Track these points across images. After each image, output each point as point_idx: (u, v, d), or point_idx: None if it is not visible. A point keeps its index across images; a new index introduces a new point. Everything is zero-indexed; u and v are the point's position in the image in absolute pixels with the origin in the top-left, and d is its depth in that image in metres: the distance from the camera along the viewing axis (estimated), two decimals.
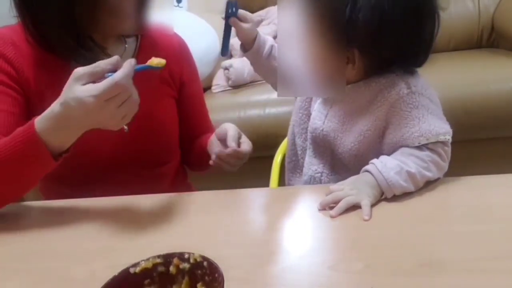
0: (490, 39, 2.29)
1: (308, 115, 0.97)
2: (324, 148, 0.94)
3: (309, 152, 0.97)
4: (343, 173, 0.92)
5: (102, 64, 0.73)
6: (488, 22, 2.28)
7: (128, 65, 0.72)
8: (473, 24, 2.29)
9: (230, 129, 0.92)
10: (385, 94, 0.84)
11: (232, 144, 0.88)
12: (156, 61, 0.80)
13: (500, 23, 2.22)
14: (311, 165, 0.96)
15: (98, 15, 0.86)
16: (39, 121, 0.74)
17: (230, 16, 0.93)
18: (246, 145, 0.92)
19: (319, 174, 0.95)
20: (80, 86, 0.71)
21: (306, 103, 0.99)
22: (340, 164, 0.92)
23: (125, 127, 0.96)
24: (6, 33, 0.91)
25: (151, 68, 0.79)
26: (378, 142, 0.86)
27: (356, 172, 0.83)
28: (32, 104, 0.91)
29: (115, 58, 0.74)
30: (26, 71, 0.90)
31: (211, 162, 0.94)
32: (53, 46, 0.90)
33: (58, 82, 0.91)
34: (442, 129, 0.81)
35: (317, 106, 0.94)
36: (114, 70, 0.72)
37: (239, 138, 0.93)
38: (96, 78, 0.72)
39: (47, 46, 0.90)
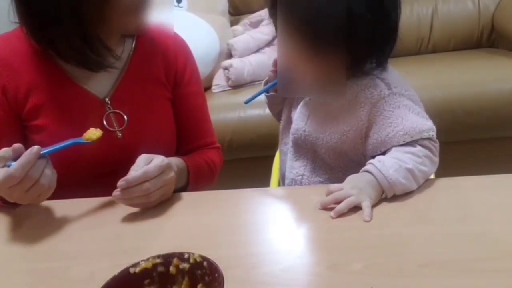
0: (490, 39, 2.30)
1: (289, 120, 0.98)
2: (306, 149, 0.94)
3: (290, 156, 0.97)
4: (323, 174, 0.93)
5: (2, 152, 0.75)
6: (488, 22, 2.28)
7: (28, 154, 0.74)
8: (473, 24, 2.29)
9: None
10: (367, 94, 0.85)
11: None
12: (92, 133, 0.81)
13: (500, 23, 2.22)
14: (292, 168, 0.97)
15: (106, 13, 0.85)
16: None
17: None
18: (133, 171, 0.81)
19: (300, 177, 0.95)
20: None
21: (287, 110, 1.00)
22: (321, 165, 0.93)
23: (119, 134, 0.95)
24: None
25: (77, 143, 0.81)
26: (360, 142, 0.87)
27: (339, 170, 0.84)
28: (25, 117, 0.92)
29: (17, 146, 0.76)
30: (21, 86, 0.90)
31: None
32: (60, 50, 0.89)
33: (57, 90, 0.92)
34: (425, 126, 0.82)
35: (299, 109, 0.94)
36: (17, 157, 0.74)
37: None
38: (3, 164, 0.74)
39: (53, 50, 0.89)
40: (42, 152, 0.76)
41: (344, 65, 0.82)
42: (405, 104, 0.83)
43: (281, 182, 1.06)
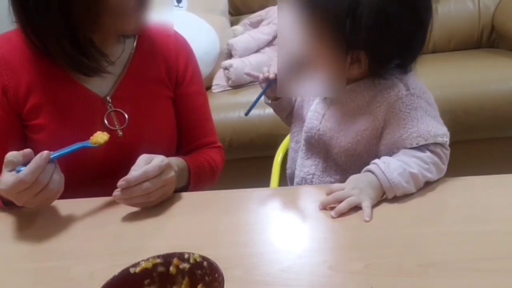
0: (490, 39, 2.30)
1: (301, 118, 0.97)
2: (318, 149, 0.94)
3: (301, 154, 0.97)
4: (334, 175, 0.92)
5: (11, 156, 0.75)
6: (488, 22, 2.28)
7: (38, 159, 0.74)
8: (473, 24, 2.29)
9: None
10: (384, 94, 0.84)
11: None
12: (99, 136, 0.82)
13: (500, 23, 2.22)
14: (303, 167, 0.96)
15: (99, 15, 0.84)
16: None
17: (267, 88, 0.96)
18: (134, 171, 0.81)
19: (311, 176, 0.95)
20: (6, 173, 0.75)
21: (299, 107, 1.00)
22: (333, 165, 0.93)
23: (120, 132, 0.95)
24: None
25: (85, 147, 0.81)
26: (375, 143, 0.86)
27: (351, 172, 0.83)
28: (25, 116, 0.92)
29: (27, 151, 0.77)
30: (23, 85, 0.90)
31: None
32: (53, 54, 0.88)
33: (57, 89, 0.92)
34: (440, 131, 0.82)
35: (314, 107, 0.94)
36: (27, 162, 0.75)
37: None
38: (11, 168, 0.75)
39: (47, 54, 0.89)
40: (51, 156, 0.76)
41: (348, 64, 0.82)
42: (421, 106, 0.82)
43: (289, 181, 1.04)
